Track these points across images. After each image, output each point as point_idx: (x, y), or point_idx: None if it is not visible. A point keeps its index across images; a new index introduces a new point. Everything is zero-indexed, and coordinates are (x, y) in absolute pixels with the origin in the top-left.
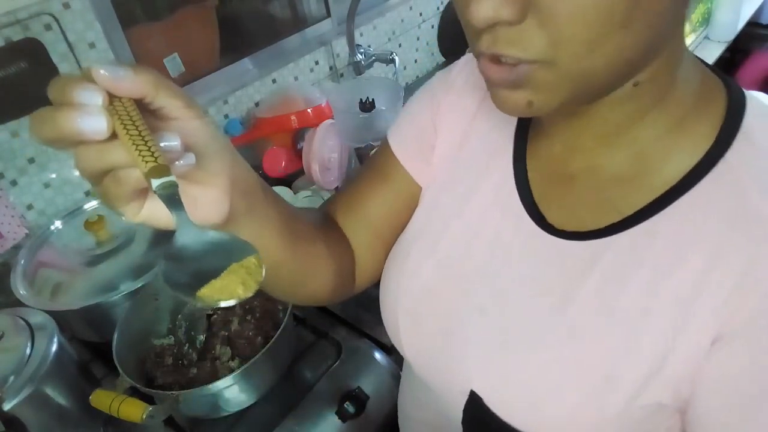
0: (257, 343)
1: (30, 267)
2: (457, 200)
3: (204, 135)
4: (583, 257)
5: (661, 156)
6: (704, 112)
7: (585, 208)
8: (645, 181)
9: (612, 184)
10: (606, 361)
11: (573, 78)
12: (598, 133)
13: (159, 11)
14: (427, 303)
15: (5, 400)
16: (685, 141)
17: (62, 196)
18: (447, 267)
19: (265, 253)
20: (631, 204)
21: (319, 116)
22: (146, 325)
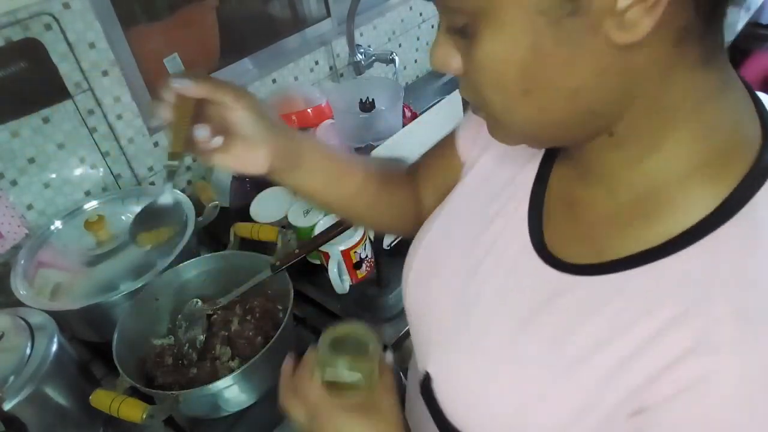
0: (257, 343)
1: (30, 267)
2: (480, 198)
3: (247, 118)
4: (555, 288)
5: (660, 207)
6: (726, 168)
7: (575, 239)
8: (635, 229)
9: (603, 223)
10: (538, 387)
11: (511, 128)
12: (597, 172)
13: (159, 11)
14: (429, 270)
15: (5, 400)
16: (697, 194)
17: (62, 196)
18: (453, 248)
19: (315, 195)
20: (614, 249)
21: (319, 116)
22: (146, 325)
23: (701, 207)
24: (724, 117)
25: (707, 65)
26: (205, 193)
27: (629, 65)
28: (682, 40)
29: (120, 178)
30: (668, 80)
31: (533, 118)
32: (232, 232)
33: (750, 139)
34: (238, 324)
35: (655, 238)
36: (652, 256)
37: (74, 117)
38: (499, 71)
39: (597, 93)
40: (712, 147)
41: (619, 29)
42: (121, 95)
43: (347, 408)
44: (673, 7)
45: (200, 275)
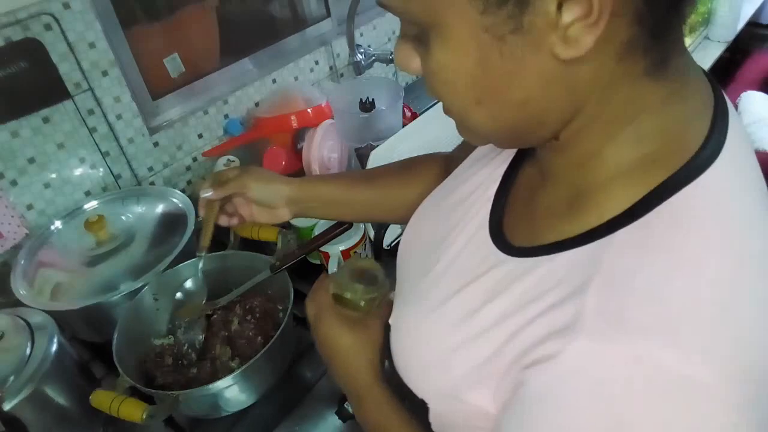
0: (257, 343)
1: (30, 267)
2: (466, 176)
3: (258, 193)
4: (490, 263)
5: (585, 204)
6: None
7: (522, 224)
8: (561, 222)
9: (543, 213)
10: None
11: (470, 131)
12: (545, 169)
13: (159, 11)
14: (414, 234)
15: (5, 400)
16: (616, 195)
17: (62, 196)
18: (435, 217)
19: (342, 216)
20: (542, 237)
21: (319, 116)
22: (146, 325)
23: (616, 207)
24: (663, 125)
25: (652, 77)
26: None
27: (574, 78)
28: (627, 53)
29: (120, 178)
30: (612, 92)
31: (486, 124)
32: (232, 232)
33: (684, 150)
34: (238, 324)
35: (572, 230)
36: (563, 246)
37: (74, 117)
38: (449, 81)
39: (544, 104)
40: (644, 153)
41: (563, 45)
42: (121, 95)
43: (342, 318)
44: (616, 23)
45: (200, 275)
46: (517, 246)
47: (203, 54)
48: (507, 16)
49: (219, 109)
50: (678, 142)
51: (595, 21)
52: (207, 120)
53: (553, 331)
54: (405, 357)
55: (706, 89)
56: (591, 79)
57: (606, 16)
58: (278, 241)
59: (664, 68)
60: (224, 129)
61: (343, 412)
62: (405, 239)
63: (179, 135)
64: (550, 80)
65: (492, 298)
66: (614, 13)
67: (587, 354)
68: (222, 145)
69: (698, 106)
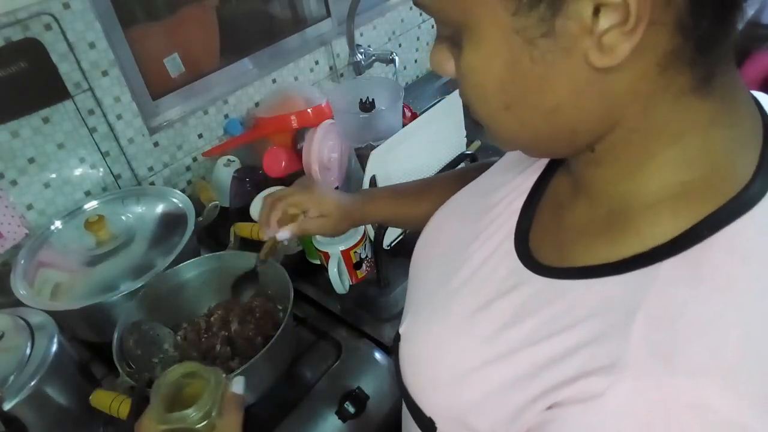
0: (257, 343)
1: (30, 267)
2: (495, 181)
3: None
4: (517, 280)
5: (626, 228)
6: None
7: (550, 241)
8: (598, 244)
9: (575, 231)
10: (475, 363)
11: (498, 136)
12: (580, 183)
13: (159, 11)
14: (433, 237)
15: (5, 400)
16: (662, 222)
17: (62, 196)
18: (456, 221)
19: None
20: (575, 257)
21: (319, 116)
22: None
23: (660, 235)
24: (710, 150)
25: (697, 94)
26: (205, 193)
27: (609, 88)
28: (669, 65)
29: (120, 178)
30: (651, 106)
31: (516, 131)
32: (232, 232)
33: (734, 179)
34: (238, 324)
35: (609, 255)
36: (600, 272)
37: (74, 117)
38: (479, 84)
39: (576, 113)
40: (690, 178)
41: (597, 51)
42: (121, 95)
43: None
44: (656, 31)
45: (200, 275)
46: (546, 265)
47: (203, 54)
48: (539, 18)
49: (219, 109)
50: (727, 172)
51: (633, 28)
52: (207, 120)
53: (592, 368)
54: (415, 370)
55: (755, 115)
56: (628, 90)
57: (644, 25)
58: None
59: (710, 86)
60: (224, 129)
61: (343, 412)
62: (421, 243)
63: (179, 135)
64: (582, 88)
65: (517, 321)
66: (654, 22)
67: (635, 395)
68: (222, 145)
69: (747, 132)
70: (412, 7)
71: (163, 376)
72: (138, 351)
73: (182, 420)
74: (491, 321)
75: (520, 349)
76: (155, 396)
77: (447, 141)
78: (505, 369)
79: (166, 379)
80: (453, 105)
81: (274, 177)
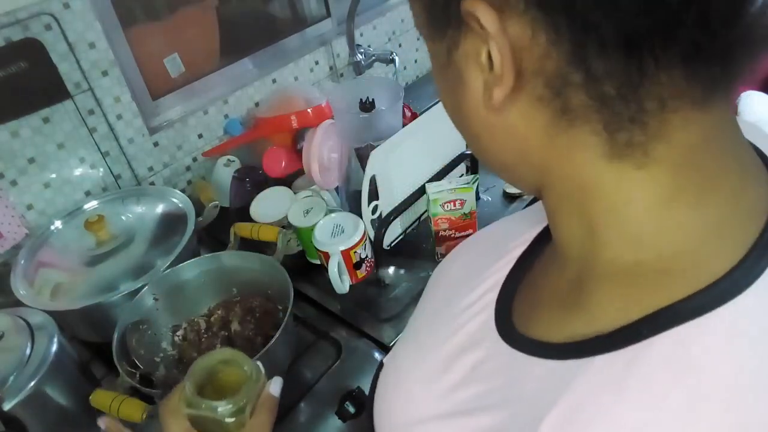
0: (257, 343)
1: (30, 267)
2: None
3: None
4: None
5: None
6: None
7: (527, 306)
8: (564, 319)
9: (549, 298)
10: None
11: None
12: (554, 242)
13: (159, 11)
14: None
15: (5, 400)
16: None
17: (62, 196)
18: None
19: None
20: (540, 329)
21: (319, 116)
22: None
23: (606, 321)
24: (666, 231)
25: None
26: (205, 193)
27: (509, 127)
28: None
29: (120, 178)
30: (567, 162)
31: (479, 157)
32: (232, 232)
33: (700, 270)
34: (238, 324)
35: (560, 332)
36: (543, 352)
37: (74, 117)
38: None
39: (493, 144)
40: (644, 258)
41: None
42: (121, 95)
43: None
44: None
45: (200, 275)
46: (512, 329)
47: (203, 54)
48: (446, 48)
49: (219, 109)
50: (691, 260)
51: (500, 76)
52: (207, 120)
53: None
54: (380, 403)
55: (755, 190)
56: (529, 135)
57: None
58: (278, 240)
59: (645, 156)
60: (224, 129)
61: (343, 412)
62: (439, 268)
63: (179, 135)
64: (488, 121)
65: (466, 382)
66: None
67: None
68: (222, 145)
69: (737, 214)
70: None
71: (200, 358)
72: (141, 351)
73: (212, 410)
74: (450, 376)
75: (459, 414)
76: (189, 378)
77: (447, 141)
78: (448, 429)
79: (202, 363)
80: None
81: (274, 177)
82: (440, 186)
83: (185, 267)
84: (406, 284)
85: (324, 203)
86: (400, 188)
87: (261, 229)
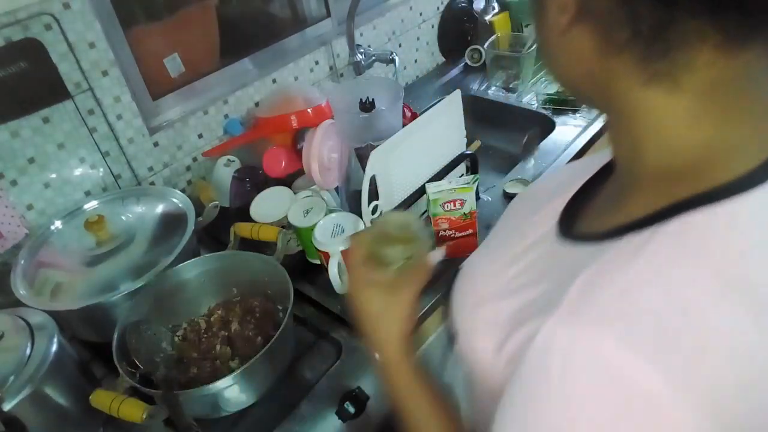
0: (257, 343)
1: (30, 267)
2: None
3: None
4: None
5: (626, 202)
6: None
7: (587, 211)
8: (608, 214)
9: (602, 201)
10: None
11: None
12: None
13: (159, 11)
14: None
15: (5, 400)
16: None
17: (62, 196)
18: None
19: None
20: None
21: (319, 116)
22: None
23: (639, 211)
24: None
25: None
26: (205, 193)
27: (572, 49)
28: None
29: (120, 178)
30: (615, 84)
31: (556, 79)
32: (232, 232)
33: (721, 173)
34: (238, 324)
35: (602, 225)
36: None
37: (74, 117)
38: None
39: (567, 73)
40: (677, 164)
41: (557, 12)
42: (121, 95)
43: (372, 281)
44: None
45: (200, 275)
46: (573, 231)
47: (203, 54)
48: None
49: (219, 109)
50: (715, 165)
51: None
52: (207, 120)
53: (539, 312)
54: (457, 290)
55: None
56: (584, 59)
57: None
58: (278, 240)
59: (677, 81)
60: (224, 129)
61: (343, 413)
62: (513, 201)
63: (179, 135)
64: (557, 42)
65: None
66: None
67: (548, 337)
68: (222, 145)
69: (756, 136)
70: (412, 7)
71: (388, 214)
72: (141, 351)
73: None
74: (513, 269)
75: (513, 293)
76: (375, 223)
77: (447, 141)
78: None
79: (393, 217)
80: (453, 105)
81: (274, 177)
82: (440, 186)
83: (185, 267)
84: None
85: (324, 203)
86: (400, 188)
87: (261, 229)
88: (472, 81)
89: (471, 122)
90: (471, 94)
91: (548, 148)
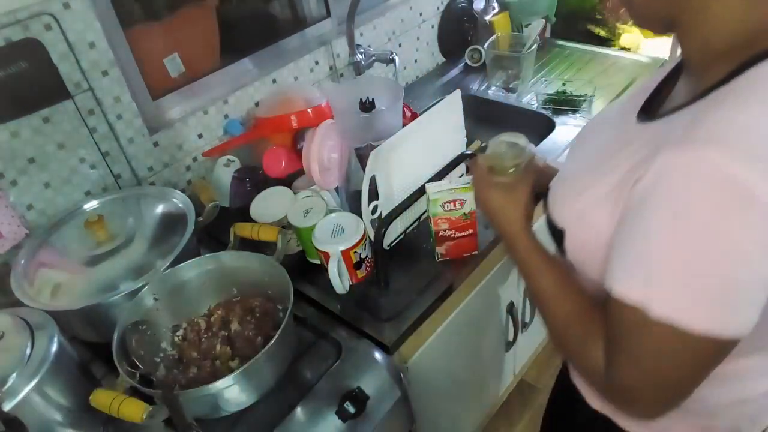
0: (257, 343)
1: (30, 267)
2: None
3: None
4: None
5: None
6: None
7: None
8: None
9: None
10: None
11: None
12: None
13: (159, 11)
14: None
15: (5, 400)
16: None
17: (62, 196)
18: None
19: None
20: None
21: (319, 116)
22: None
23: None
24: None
25: None
26: (205, 193)
27: None
28: None
29: (120, 178)
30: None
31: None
32: (232, 232)
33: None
34: (238, 324)
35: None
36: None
37: (74, 117)
38: None
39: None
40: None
41: None
42: (121, 95)
43: (493, 184)
44: None
45: (200, 275)
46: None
47: (203, 54)
48: None
49: (219, 109)
50: None
51: None
52: (207, 120)
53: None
54: (555, 193)
55: None
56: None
57: None
58: (278, 240)
59: None
60: (224, 129)
61: (343, 412)
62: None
63: (179, 135)
64: None
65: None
66: None
67: (665, 161)
68: (222, 145)
69: None
70: (412, 7)
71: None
72: (141, 351)
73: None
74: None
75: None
76: (490, 143)
77: (447, 141)
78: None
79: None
80: (453, 105)
81: (274, 177)
82: (440, 186)
83: (185, 267)
84: (406, 284)
85: (324, 203)
86: (400, 188)
87: (261, 229)
88: (472, 81)
89: (471, 122)
90: (471, 94)
91: (548, 148)
